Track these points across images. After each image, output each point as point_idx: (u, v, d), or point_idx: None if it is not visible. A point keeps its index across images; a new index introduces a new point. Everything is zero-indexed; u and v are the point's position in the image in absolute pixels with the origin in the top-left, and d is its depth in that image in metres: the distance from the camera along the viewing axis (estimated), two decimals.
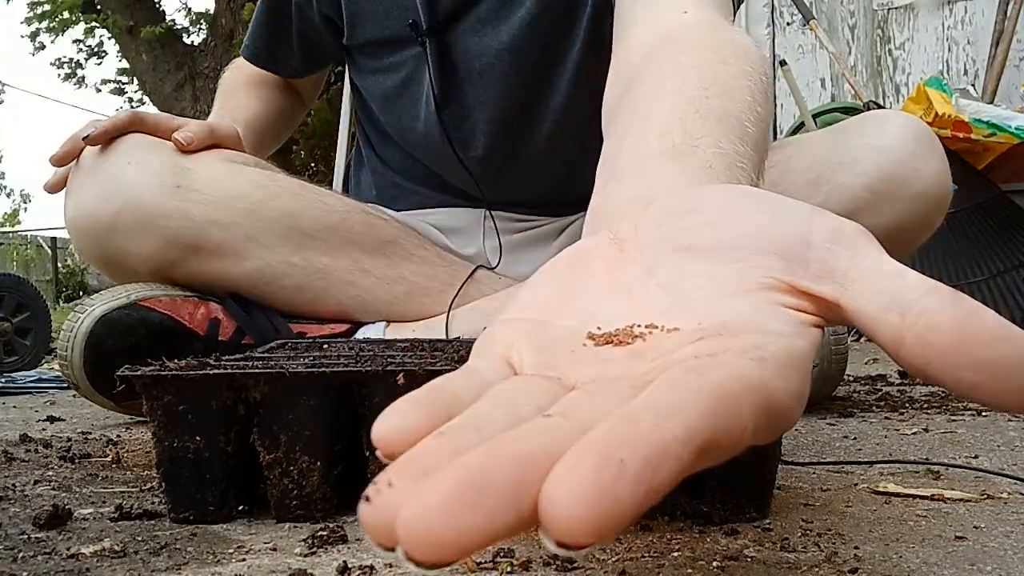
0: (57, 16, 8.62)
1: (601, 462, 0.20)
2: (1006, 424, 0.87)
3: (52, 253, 12.78)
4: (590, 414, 0.24)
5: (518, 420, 0.25)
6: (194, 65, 7.49)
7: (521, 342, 0.31)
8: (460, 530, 0.20)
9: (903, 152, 0.89)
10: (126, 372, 0.53)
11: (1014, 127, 2.33)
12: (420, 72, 1.06)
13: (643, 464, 0.21)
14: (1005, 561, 0.44)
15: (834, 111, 2.89)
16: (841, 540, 0.48)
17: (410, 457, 0.23)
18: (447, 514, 0.20)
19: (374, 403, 0.52)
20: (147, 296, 0.92)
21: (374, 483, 0.22)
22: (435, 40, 1.03)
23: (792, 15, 3.36)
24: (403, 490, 0.21)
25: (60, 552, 0.47)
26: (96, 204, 0.92)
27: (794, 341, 0.29)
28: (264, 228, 0.95)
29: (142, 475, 0.69)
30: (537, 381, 0.29)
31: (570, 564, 0.44)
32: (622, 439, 0.21)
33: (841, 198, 0.89)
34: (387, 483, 0.22)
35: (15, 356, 1.88)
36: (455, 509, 0.20)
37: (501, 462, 0.21)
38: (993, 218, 2.44)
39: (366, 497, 0.22)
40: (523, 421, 0.24)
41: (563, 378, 0.29)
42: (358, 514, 0.22)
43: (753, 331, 0.28)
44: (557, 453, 0.21)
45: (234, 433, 0.53)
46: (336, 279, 0.99)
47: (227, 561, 0.46)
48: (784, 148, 1.00)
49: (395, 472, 0.22)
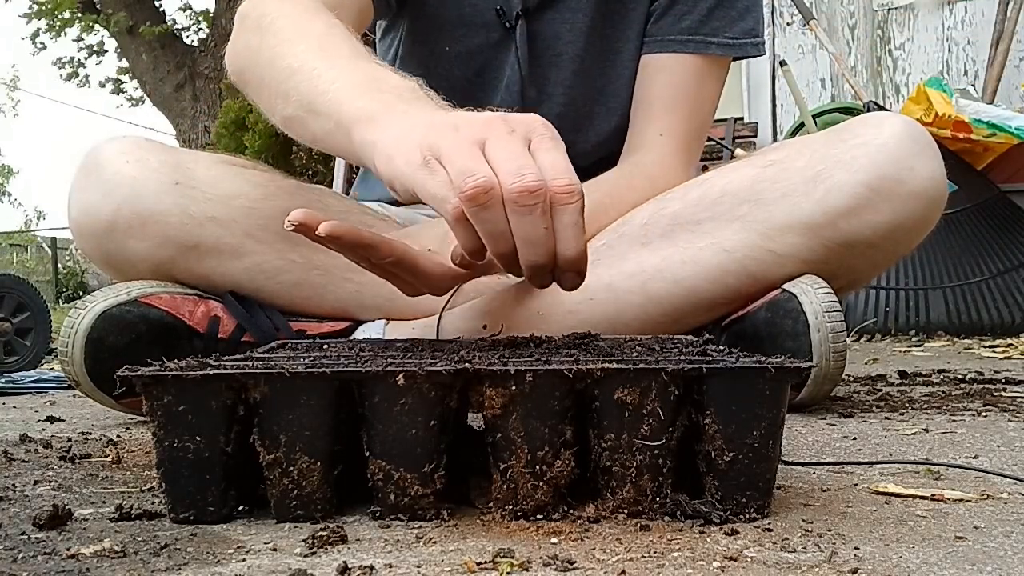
0: (57, 15, 8.62)
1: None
2: (1006, 424, 0.87)
3: (52, 254, 12.79)
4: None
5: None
6: (194, 65, 7.49)
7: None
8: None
9: (900, 151, 0.90)
10: (126, 372, 0.53)
11: (1014, 127, 2.33)
12: (500, 59, 1.09)
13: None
14: (1005, 561, 0.44)
15: (834, 111, 2.89)
16: (841, 540, 0.48)
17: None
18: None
19: (374, 403, 0.52)
20: (148, 293, 0.93)
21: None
22: (524, 25, 1.06)
23: (792, 15, 3.36)
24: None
25: (60, 552, 0.47)
26: (96, 203, 0.92)
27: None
28: (262, 225, 0.96)
29: (142, 475, 0.69)
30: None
31: (570, 564, 0.44)
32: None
33: (840, 196, 0.89)
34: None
35: (15, 356, 1.88)
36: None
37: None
38: (993, 218, 2.44)
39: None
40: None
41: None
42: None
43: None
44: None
45: (234, 433, 0.53)
46: (334, 276, 0.99)
47: (227, 561, 0.46)
48: (783, 148, 1.01)
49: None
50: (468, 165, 0.60)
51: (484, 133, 0.62)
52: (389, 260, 0.77)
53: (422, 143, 0.63)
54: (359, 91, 0.77)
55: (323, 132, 0.80)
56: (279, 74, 0.85)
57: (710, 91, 1.12)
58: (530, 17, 1.09)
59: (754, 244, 0.92)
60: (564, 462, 0.52)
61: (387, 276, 0.81)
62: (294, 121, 0.85)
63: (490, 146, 0.61)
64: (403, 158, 0.65)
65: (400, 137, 0.67)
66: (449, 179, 0.60)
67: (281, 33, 0.88)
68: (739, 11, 1.10)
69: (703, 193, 0.97)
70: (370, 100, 0.75)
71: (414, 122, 0.68)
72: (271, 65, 0.87)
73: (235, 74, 0.97)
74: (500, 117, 0.64)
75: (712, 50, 1.10)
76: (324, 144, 0.83)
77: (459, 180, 0.59)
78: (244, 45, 0.94)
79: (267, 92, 0.89)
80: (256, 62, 0.91)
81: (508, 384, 0.51)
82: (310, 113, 0.81)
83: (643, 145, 1.08)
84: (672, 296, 0.94)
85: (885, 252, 0.95)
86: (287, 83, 0.84)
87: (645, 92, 1.11)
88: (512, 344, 0.72)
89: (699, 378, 0.52)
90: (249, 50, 0.93)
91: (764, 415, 0.52)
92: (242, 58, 0.95)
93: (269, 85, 0.88)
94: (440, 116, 0.68)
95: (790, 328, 0.89)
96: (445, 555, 0.46)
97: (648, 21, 1.12)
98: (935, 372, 1.39)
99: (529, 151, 0.61)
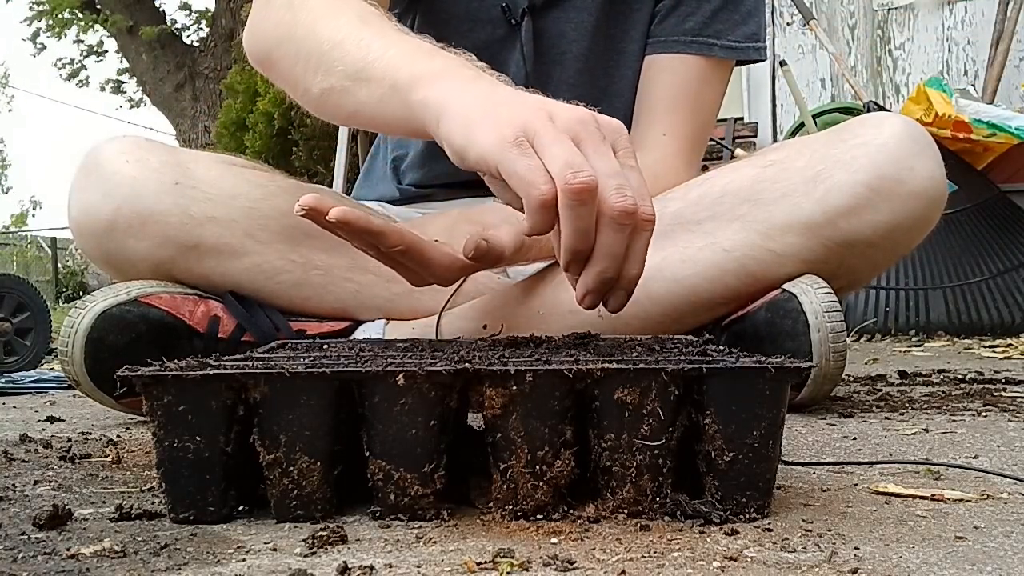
0: (57, 15, 8.62)
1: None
2: (1006, 424, 0.87)
3: (52, 253, 12.78)
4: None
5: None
6: (194, 65, 7.49)
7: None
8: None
9: (900, 151, 0.90)
10: (126, 372, 0.53)
11: (1014, 127, 2.33)
12: (505, 56, 1.09)
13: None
14: (1005, 561, 0.44)
15: (834, 111, 2.89)
16: (841, 540, 0.48)
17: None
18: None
19: (374, 403, 0.52)
20: (148, 293, 0.93)
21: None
22: (529, 23, 1.06)
23: (792, 15, 3.36)
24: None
25: (60, 552, 0.47)
26: (96, 203, 0.92)
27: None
28: (262, 225, 0.96)
29: (142, 475, 0.69)
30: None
31: (570, 564, 0.44)
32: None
33: (840, 195, 0.90)
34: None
35: (15, 356, 1.87)
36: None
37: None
38: (993, 218, 2.44)
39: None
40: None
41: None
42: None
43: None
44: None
45: (234, 433, 0.53)
46: (334, 276, 0.99)
47: (227, 561, 0.46)
48: (783, 148, 1.01)
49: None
50: (574, 160, 0.61)
51: (578, 131, 0.63)
52: (398, 248, 0.77)
53: (514, 122, 0.64)
54: (418, 55, 0.77)
55: (372, 99, 0.79)
56: (320, 46, 0.85)
57: (713, 94, 1.13)
58: (536, 15, 1.10)
59: (754, 244, 0.92)
60: (564, 462, 0.52)
61: (394, 265, 0.81)
62: (334, 93, 0.84)
63: (586, 149, 0.62)
64: (489, 130, 0.64)
65: (481, 105, 0.67)
66: (542, 165, 0.61)
67: (317, 10, 0.88)
68: (742, 15, 1.11)
69: (703, 193, 0.97)
70: (432, 62, 0.75)
71: (497, 96, 0.69)
72: (308, 39, 0.86)
73: (261, 53, 0.96)
74: (592, 117, 0.65)
75: (715, 52, 1.10)
76: (368, 114, 0.82)
77: (564, 171, 0.60)
78: (274, 23, 0.93)
79: (302, 67, 0.88)
80: (290, 36, 0.90)
81: (508, 384, 0.51)
82: (357, 81, 0.81)
83: (646, 145, 1.08)
84: (672, 295, 0.95)
85: (885, 252, 0.95)
86: (330, 54, 0.83)
87: (649, 92, 1.12)
88: (512, 344, 0.72)
89: (699, 378, 0.52)
90: (280, 26, 0.91)
91: (764, 415, 0.52)
92: (271, 36, 0.94)
93: (306, 59, 0.87)
94: (531, 99, 0.68)
95: (790, 328, 0.89)
96: (445, 555, 0.46)
97: (652, 22, 1.13)
98: (935, 372, 1.39)
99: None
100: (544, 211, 0.61)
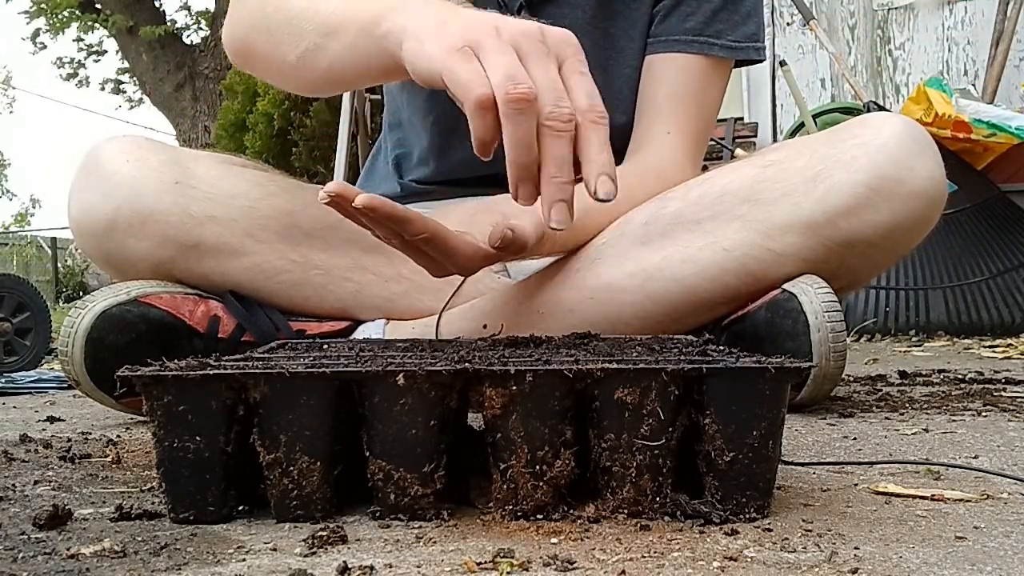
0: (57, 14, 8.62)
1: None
2: (1006, 424, 0.87)
3: (52, 253, 12.78)
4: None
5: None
6: (194, 65, 7.49)
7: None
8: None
9: (900, 151, 0.90)
10: (126, 372, 0.53)
11: (1014, 127, 2.33)
12: None
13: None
14: (1005, 561, 0.44)
15: (834, 111, 2.89)
16: (841, 540, 0.48)
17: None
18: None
19: (374, 403, 0.52)
20: (148, 293, 0.93)
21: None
22: (525, 17, 1.07)
23: (792, 15, 3.36)
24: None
25: (60, 552, 0.47)
26: (96, 203, 0.93)
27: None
28: (262, 225, 0.96)
29: (142, 475, 0.69)
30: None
31: (570, 564, 0.44)
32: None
33: (839, 195, 0.90)
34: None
35: (15, 356, 1.87)
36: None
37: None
38: (993, 218, 2.44)
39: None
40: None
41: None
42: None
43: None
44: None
45: (234, 433, 0.53)
46: (334, 276, 1.00)
47: (227, 561, 0.46)
48: (783, 148, 1.01)
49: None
50: (515, 72, 0.62)
51: (522, 42, 0.64)
52: (422, 236, 0.78)
53: (462, 33, 0.65)
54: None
55: (345, 47, 0.81)
56: (288, 14, 0.88)
57: (713, 93, 1.13)
58: (531, 11, 1.10)
59: (754, 243, 0.92)
60: (564, 462, 0.52)
61: (416, 254, 0.81)
62: (309, 53, 0.86)
63: (528, 61, 0.63)
64: (437, 43, 0.66)
65: (436, 25, 0.69)
66: (482, 71, 0.62)
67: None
68: (742, 15, 1.11)
69: (704, 192, 0.97)
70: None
71: (450, 14, 0.70)
72: (278, 13, 0.90)
73: (239, 43, 0.98)
74: (539, 29, 0.66)
75: (715, 51, 1.10)
76: (344, 63, 0.83)
77: (505, 82, 0.61)
78: (248, 13, 0.96)
79: (275, 40, 0.90)
80: (262, 17, 0.93)
81: (508, 384, 0.51)
82: (328, 35, 0.82)
83: (650, 143, 1.09)
84: (672, 295, 0.95)
85: (885, 252, 0.95)
86: (300, 17, 0.86)
87: (650, 91, 1.12)
88: (512, 344, 0.72)
89: (699, 378, 0.52)
90: (253, 14, 0.95)
91: (764, 415, 0.52)
92: (245, 25, 0.97)
93: (278, 31, 0.89)
94: (480, 14, 0.69)
95: (790, 328, 0.89)
96: (445, 555, 0.46)
97: (652, 22, 1.13)
98: (935, 372, 1.39)
99: (560, 75, 0.64)
100: (483, 112, 0.62)
